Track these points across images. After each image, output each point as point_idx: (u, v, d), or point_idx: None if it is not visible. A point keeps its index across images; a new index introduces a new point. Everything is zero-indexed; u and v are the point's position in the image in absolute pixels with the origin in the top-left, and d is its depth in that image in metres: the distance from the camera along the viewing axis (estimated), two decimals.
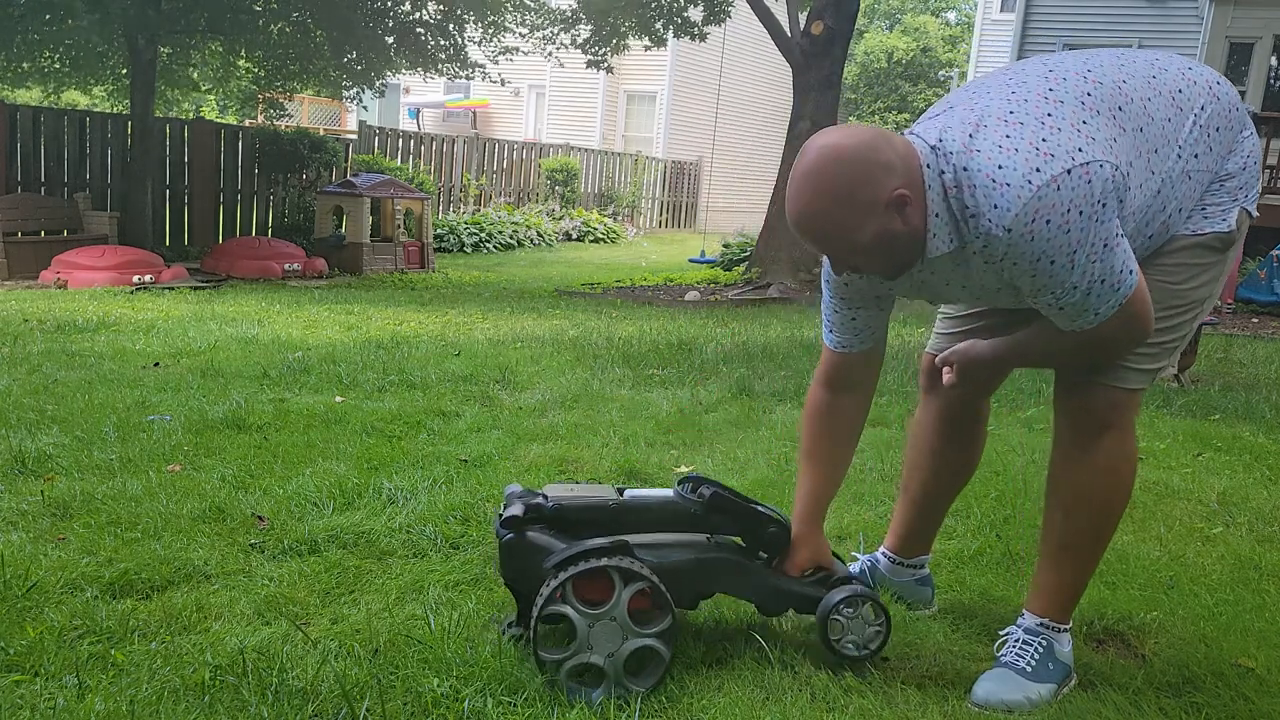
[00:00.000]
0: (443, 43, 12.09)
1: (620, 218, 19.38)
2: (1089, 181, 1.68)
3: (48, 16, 9.89)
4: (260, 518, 2.72)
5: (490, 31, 12.40)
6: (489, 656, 1.93)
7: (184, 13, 10.48)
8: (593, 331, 6.66)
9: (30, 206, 9.96)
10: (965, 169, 1.73)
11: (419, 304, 8.25)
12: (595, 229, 17.52)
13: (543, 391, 4.54)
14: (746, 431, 3.94)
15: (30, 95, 15.73)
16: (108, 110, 13.11)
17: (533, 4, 12.92)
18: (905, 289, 2.00)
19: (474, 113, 23.22)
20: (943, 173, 1.76)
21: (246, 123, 15.05)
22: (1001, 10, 20.13)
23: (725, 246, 12.74)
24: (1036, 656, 2.00)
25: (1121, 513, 2.04)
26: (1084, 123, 1.75)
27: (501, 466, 3.31)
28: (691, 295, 10.01)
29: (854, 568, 2.41)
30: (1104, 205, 1.70)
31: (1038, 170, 1.68)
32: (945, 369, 2.05)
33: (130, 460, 3.21)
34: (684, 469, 3.36)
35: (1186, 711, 1.93)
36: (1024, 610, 2.08)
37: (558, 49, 13.51)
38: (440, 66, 12.32)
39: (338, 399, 4.22)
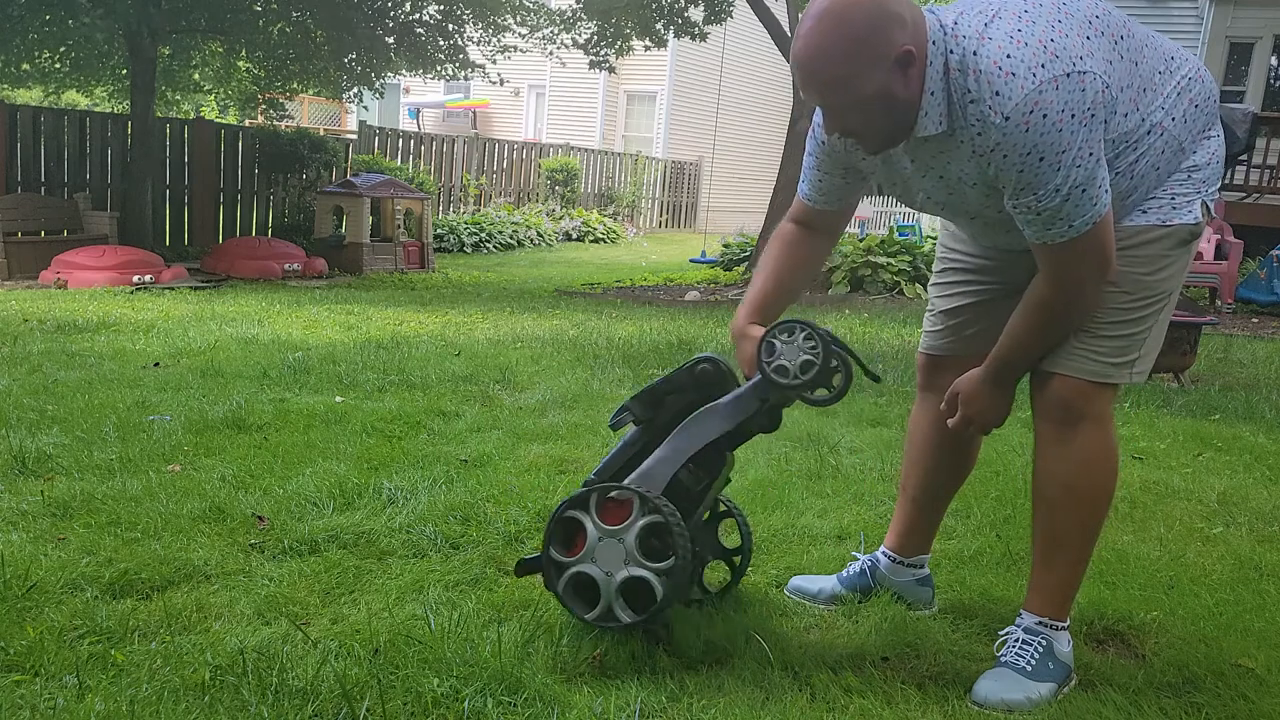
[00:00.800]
0: (442, 43, 12.09)
1: (620, 218, 19.38)
2: (1084, 89, 1.74)
3: (48, 16, 9.89)
4: (260, 518, 2.72)
5: (490, 32, 12.40)
6: (489, 656, 1.93)
7: (184, 13, 10.48)
8: (593, 331, 6.66)
9: (30, 206, 9.96)
10: (975, 53, 1.77)
11: (419, 304, 8.25)
12: (595, 229, 17.51)
13: (543, 391, 4.54)
14: None
15: (30, 95, 15.73)
16: (108, 110, 13.11)
17: (532, 4, 12.92)
18: (881, 175, 2.04)
19: (474, 113, 23.21)
20: (950, 52, 1.79)
21: (246, 123, 15.05)
22: None
23: (725, 246, 12.74)
24: (1036, 656, 2.01)
25: (1107, 506, 2.05)
26: (1088, 38, 1.80)
27: (501, 466, 3.31)
28: (691, 295, 10.02)
29: (854, 567, 2.41)
30: (1093, 115, 1.75)
31: (1043, 66, 1.73)
32: (952, 425, 2.07)
33: (130, 460, 3.21)
34: None
35: (1186, 711, 1.93)
36: (1022, 610, 2.09)
37: (558, 49, 13.51)
38: (440, 67, 12.32)
39: (338, 399, 4.22)
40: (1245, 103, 13.03)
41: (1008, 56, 1.74)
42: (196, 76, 13.14)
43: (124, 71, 11.47)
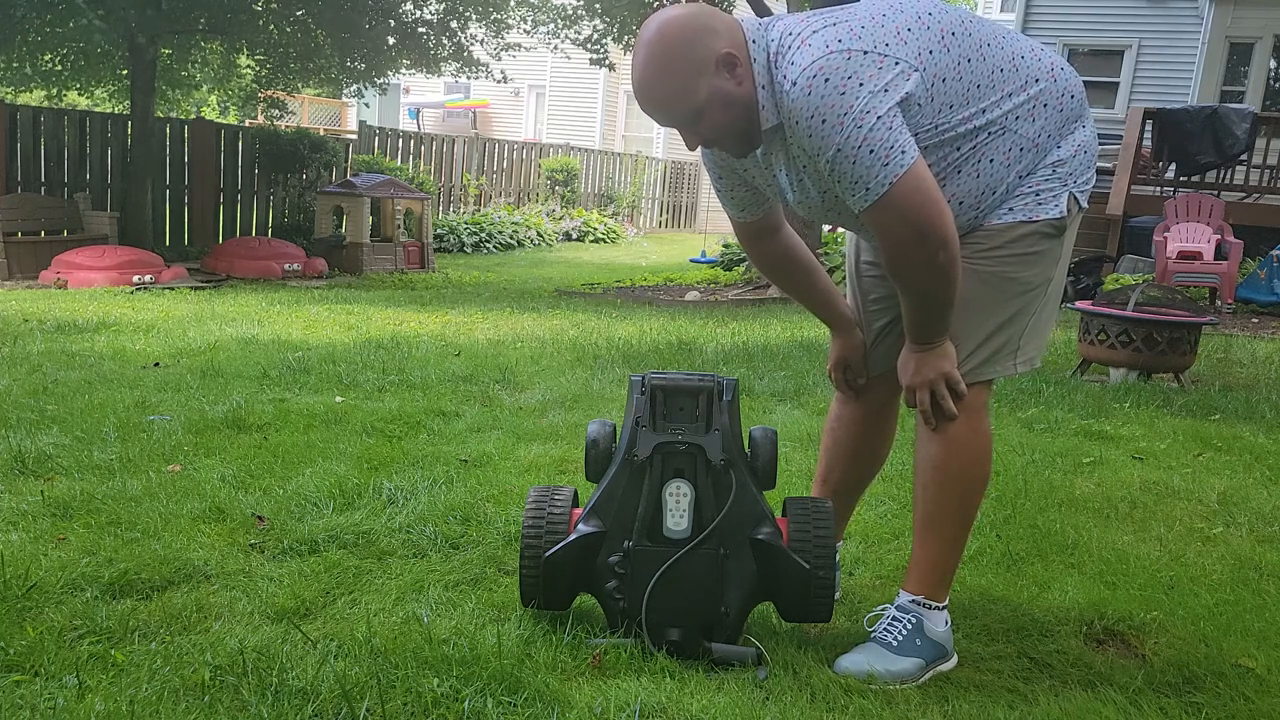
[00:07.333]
0: (445, 42, 12.09)
1: (620, 218, 19.38)
2: (881, 68, 1.79)
3: (49, 17, 9.88)
4: (260, 518, 2.72)
5: (494, 29, 12.41)
6: (489, 656, 1.93)
7: (184, 12, 10.48)
8: (593, 331, 6.66)
9: (30, 206, 9.97)
10: (790, 33, 1.85)
11: (419, 304, 8.25)
12: (595, 229, 17.52)
13: (543, 391, 4.54)
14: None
15: (31, 97, 15.74)
16: (108, 110, 13.12)
17: (537, 1, 12.94)
18: (764, 181, 2.07)
19: (474, 113, 23.21)
20: (770, 43, 1.86)
21: (247, 122, 15.06)
22: (1001, 10, 20.12)
23: (725, 246, 12.73)
24: (904, 632, 2.06)
25: (979, 490, 2.10)
26: (908, 30, 1.86)
27: (501, 466, 3.31)
28: (691, 295, 10.02)
29: None
30: (887, 92, 1.79)
31: (839, 41, 1.80)
32: (919, 404, 2.06)
33: (130, 460, 3.21)
34: None
35: (1186, 711, 1.93)
36: (900, 589, 2.14)
37: (562, 43, 13.52)
38: (442, 65, 12.32)
39: (338, 399, 4.22)
40: (1245, 103, 13.02)
41: (814, 32, 1.82)
42: (198, 75, 13.14)
43: (124, 72, 11.48)
